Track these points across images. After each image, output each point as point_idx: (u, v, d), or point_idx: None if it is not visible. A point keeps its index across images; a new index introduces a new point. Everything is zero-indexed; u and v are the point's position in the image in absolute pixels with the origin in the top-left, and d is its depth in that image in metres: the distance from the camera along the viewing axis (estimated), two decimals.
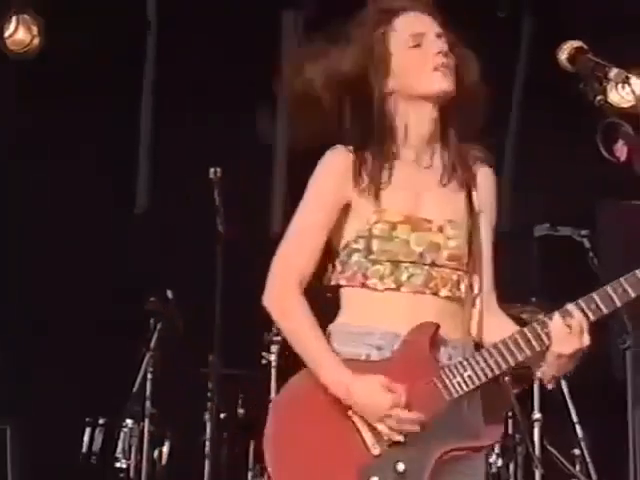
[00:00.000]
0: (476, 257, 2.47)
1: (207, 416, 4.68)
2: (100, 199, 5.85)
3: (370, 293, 2.42)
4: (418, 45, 2.44)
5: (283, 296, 2.42)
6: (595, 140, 2.30)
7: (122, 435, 4.78)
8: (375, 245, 2.40)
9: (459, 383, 2.33)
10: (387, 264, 2.40)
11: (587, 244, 4.49)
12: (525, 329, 2.34)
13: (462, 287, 2.44)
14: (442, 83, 2.43)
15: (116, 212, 5.96)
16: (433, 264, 2.41)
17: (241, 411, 4.73)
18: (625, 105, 2.34)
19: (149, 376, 4.89)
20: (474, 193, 2.50)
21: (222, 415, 4.73)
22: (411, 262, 2.40)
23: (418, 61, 2.44)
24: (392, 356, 2.37)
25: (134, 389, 4.85)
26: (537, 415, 4.54)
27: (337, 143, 2.48)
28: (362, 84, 2.45)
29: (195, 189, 4.76)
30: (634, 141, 2.07)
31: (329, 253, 2.49)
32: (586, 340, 2.29)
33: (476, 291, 2.46)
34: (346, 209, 2.47)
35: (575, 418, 4.60)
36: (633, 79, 6.84)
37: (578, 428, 4.60)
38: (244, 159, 5.70)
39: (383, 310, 2.41)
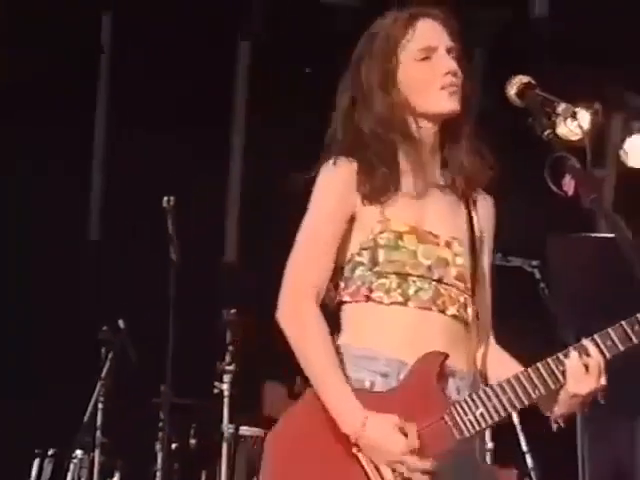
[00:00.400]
0: (479, 282, 2.37)
1: (158, 446, 4.63)
2: (52, 227, 5.79)
3: (375, 307, 2.28)
4: (427, 58, 2.36)
5: (297, 312, 2.26)
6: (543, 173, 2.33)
7: (72, 466, 4.72)
8: (381, 255, 2.28)
9: (471, 421, 2.21)
10: (393, 277, 2.27)
11: (538, 275, 4.52)
12: (539, 365, 2.22)
13: (469, 311, 2.33)
14: (448, 104, 2.34)
15: (68, 240, 5.91)
16: (441, 281, 2.29)
17: (193, 441, 4.69)
18: (573, 138, 2.37)
19: (100, 406, 4.83)
20: (474, 216, 2.41)
21: (174, 445, 4.68)
22: (419, 276, 2.28)
23: (425, 76, 2.35)
24: (399, 388, 2.25)
25: (85, 419, 4.79)
26: (489, 444, 4.55)
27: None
28: (370, 91, 2.37)
29: (148, 218, 4.74)
30: (581, 175, 2.09)
31: (333, 272, 2.35)
32: (603, 380, 2.19)
33: (479, 319, 2.35)
34: (350, 221, 2.35)
35: (525, 448, 4.62)
36: (581, 113, 6.95)
37: (528, 458, 4.62)
38: (198, 187, 5.69)
39: (387, 329, 2.28)
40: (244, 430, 4.51)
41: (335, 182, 2.36)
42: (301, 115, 5.86)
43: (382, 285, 2.28)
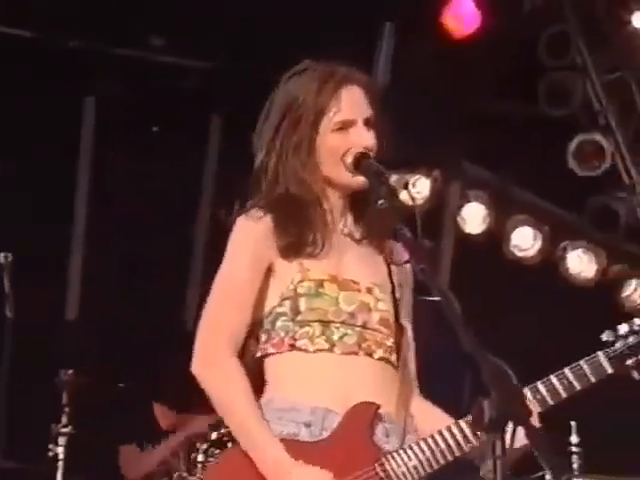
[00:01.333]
0: (402, 331, 2.38)
1: None
2: None
3: (300, 356, 2.28)
4: (344, 129, 2.37)
5: (214, 363, 2.25)
6: None
7: None
8: (302, 304, 2.29)
9: (404, 473, 2.22)
10: (316, 325, 2.28)
11: None
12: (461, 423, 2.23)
13: (393, 357, 2.32)
14: (356, 183, 2.36)
15: None
16: (365, 326, 2.30)
17: None
18: (417, 203, 2.45)
19: None
20: (393, 267, 2.40)
21: None
22: (341, 322, 2.28)
23: (340, 148, 2.36)
24: (330, 438, 2.23)
25: None
26: None
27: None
28: (287, 154, 2.36)
29: None
30: (411, 245, 2.15)
31: (251, 327, 2.33)
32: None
33: (405, 366, 2.36)
34: (267, 274, 2.34)
35: None
36: (416, 182, 7.07)
37: None
38: (37, 244, 5.55)
39: (313, 378, 2.27)
40: None
41: (249, 235, 2.36)
42: (147, 171, 5.83)
43: (306, 333, 2.28)
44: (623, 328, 2.35)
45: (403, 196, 2.30)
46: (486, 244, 6.29)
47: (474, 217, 6.33)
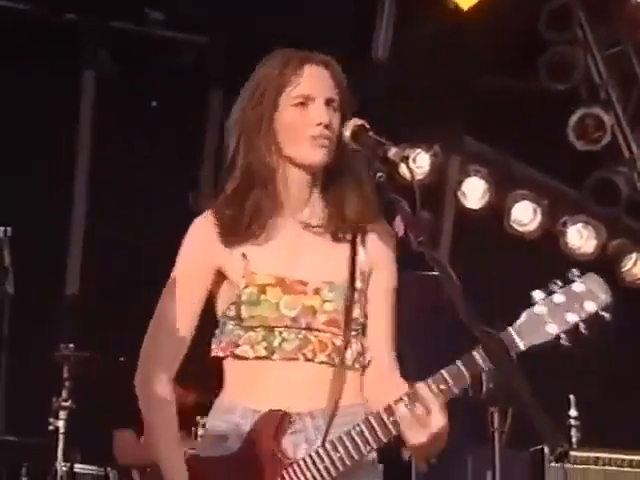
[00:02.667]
0: (367, 320, 2.35)
1: None
2: None
3: (240, 364, 2.30)
4: (303, 104, 2.33)
5: (145, 386, 2.33)
6: None
7: None
8: (244, 311, 2.29)
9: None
10: (260, 330, 2.29)
11: None
12: (371, 417, 2.21)
13: (348, 353, 2.30)
14: (314, 155, 2.32)
15: None
16: (309, 328, 2.29)
17: None
18: (418, 177, 2.42)
19: None
20: (362, 251, 2.37)
21: None
22: (285, 327, 2.28)
23: (297, 122, 2.33)
24: (238, 451, 2.25)
25: None
26: None
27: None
28: (248, 133, 2.34)
29: None
30: (409, 218, 2.14)
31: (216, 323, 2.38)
32: (437, 421, 2.13)
33: (368, 357, 2.34)
34: (220, 276, 2.35)
35: None
36: (416, 156, 7.07)
37: None
38: (37, 219, 5.54)
39: (250, 384, 2.30)
40: (79, 468, 4.40)
41: (198, 239, 2.36)
42: (145, 146, 5.81)
43: (249, 338, 2.30)
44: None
45: (402, 170, 2.26)
46: (486, 219, 6.28)
47: (474, 192, 6.32)
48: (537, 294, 2.20)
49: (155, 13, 5.83)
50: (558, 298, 2.18)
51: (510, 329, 2.18)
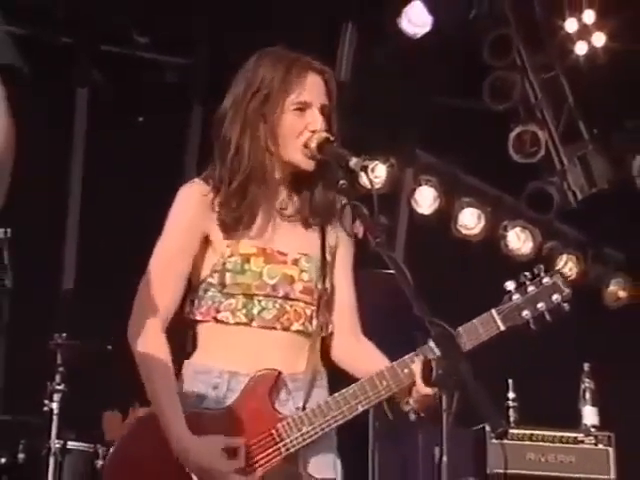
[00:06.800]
0: (333, 291, 2.32)
1: None
2: None
3: (221, 328, 2.23)
4: (301, 110, 2.28)
5: (140, 337, 2.19)
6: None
7: None
8: (228, 279, 2.22)
9: (297, 438, 2.18)
10: (240, 297, 2.22)
11: None
12: (383, 371, 2.19)
13: (314, 322, 2.27)
14: (305, 163, 2.28)
15: None
16: (286, 297, 2.24)
17: (22, 456, 4.47)
18: (376, 186, 2.41)
19: None
20: (329, 227, 2.34)
21: (3, 460, 4.45)
22: (264, 295, 2.23)
23: (293, 127, 2.27)
24: (233, 406, 2.18)
25: None
26: None
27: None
28: (245, 125, 2.27)
29: None
30: (368, 221, 2.13)
31: (189, 287, 2.28)
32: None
33: (333, 324, 2.31)
34: (205, 243, 2.27)
35: None
36: (375, 167, 7.06)
37: None
38: (35, 222, 5.47)
39: (228, 347, 2.22)
40: (71, 445, 4.34)
41: (188, 202, 2.28)
42: (133, 156, 5.77)
43: (229, 305, 2.23)
44: (523, 277, 2.28)
45: (362, 179, 2.27)
46: (436, 223, 6.30)
47: (425, 199, 6.34)
48: (509, 284, 2.27)
49: (142, 38, 5.82)
50: (531, 289, 2.25)
51: (493, 311, 2.25)
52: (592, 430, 4.37)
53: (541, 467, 4.27)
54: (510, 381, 4.46)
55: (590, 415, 4.42)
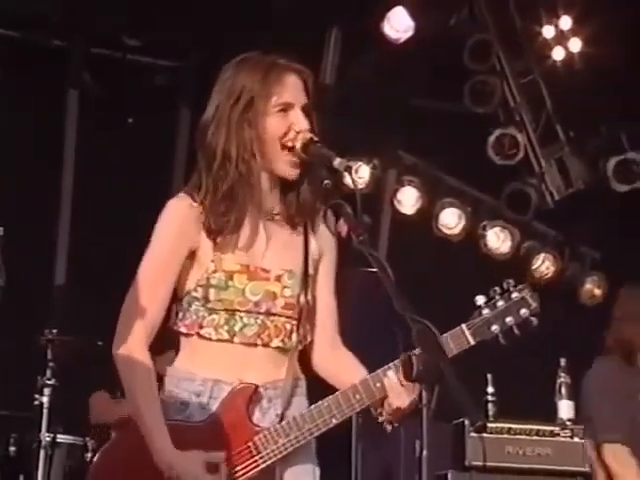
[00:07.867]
0: (315, 303, 2.32)
1: None
2: None
3: (204, 343, 2.23)
4: (284, 110, 2.26)
5: (125, 353, 2.19)
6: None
7: None
8: (212, 294, 2.22)
9: (273, 451, 2.18)
10: (222, 313, 2.22)
11: None
12: (357, 385, 2.20)
13: (293, 336, 2.26)
14: (288, 170, 2.26)
15: None
16: (268, 313, 2.24)
17: (13, 449, 4.44)
18: (360, 186, 2.40)
19: None
20: (312, 239, 2.33)
21: None
22: (246, 311, 2.22)
23: (278, 129, 2.25)
24: (212, 418, 2.18)
25: None
26: None
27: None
28: (228, 133, 2.24)
29: None
30: (351, 220, 2.12)
31: (174, 297, 2.27)
32: (415, 388, 2.18)
33: (313, 336, 2.31)
34: (191, 257, 2.25)
35: None
36: (358, 168, 7.05)
37: None
38: (28, 221, 5.43)
39: (212, 359, 2.22)
40: (61, 438, 4.32)
41: (175, 217, 2.25)
42: (122, 156, 5.75)
43: (212, 321, 2.22)
44: (492, 292, 2.28)
45: (346, 180, 2.25)
46: (418, 223, 6.30)
47: (408, 199, 6.34)
48: (479, 298, 2.28)
49: (132, 41, 5.80)
50: (500, 304, 2.26)
51: (463, 326, 2.25)
52: (568, 423, 4.37)
53: (519, 460, 4.26)
54: (489, 376, 4.46)
55: (566, 409, 4.42)
